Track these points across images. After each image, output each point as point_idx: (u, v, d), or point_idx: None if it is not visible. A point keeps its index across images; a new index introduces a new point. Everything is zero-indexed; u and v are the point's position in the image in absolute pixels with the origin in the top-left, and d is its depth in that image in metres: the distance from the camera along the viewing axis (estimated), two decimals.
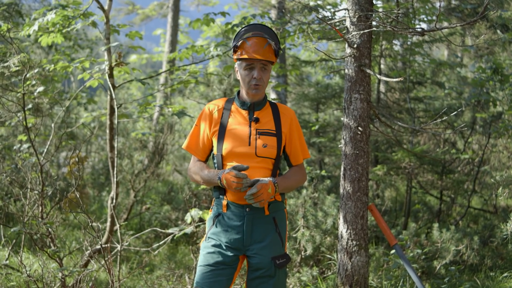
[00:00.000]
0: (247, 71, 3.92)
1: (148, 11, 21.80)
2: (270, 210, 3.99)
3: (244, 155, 3.90)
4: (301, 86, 13.75)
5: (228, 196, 3.94)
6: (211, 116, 4.02)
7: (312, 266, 6.88)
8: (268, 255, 3.94)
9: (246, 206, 3.91)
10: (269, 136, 3.98)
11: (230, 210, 3.94)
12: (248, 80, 3.93)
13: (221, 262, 3.90)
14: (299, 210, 7.20)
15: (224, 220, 3.95)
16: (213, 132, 3.99)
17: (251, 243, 3.94)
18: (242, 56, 3.90)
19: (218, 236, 3.94)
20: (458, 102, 10.50)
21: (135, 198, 8.98)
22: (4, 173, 7.42)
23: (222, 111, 4.02)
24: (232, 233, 3.92)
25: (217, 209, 4.01)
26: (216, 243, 3.94)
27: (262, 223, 3.96)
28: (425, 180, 9.52)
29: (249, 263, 3.98)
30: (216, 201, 4.03)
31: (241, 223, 3.91)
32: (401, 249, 5.30)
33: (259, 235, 3.95)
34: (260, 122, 3.99)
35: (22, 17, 12.65)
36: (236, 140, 3.91)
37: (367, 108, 5.28)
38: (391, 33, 8.17)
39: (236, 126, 3.96)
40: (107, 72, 6.62)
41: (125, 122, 13.13)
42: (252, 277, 3.96)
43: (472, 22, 4.45)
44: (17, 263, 6.20)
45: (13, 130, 11.68)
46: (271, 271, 3.94)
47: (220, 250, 3.91)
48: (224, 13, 7.81)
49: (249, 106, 4.00)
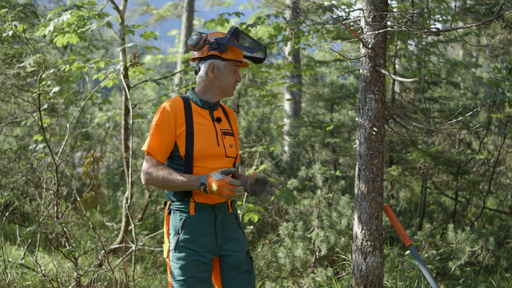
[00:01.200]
0: (231, 73, 3.90)
1: (162, 11, 21.84)
2: (232, 207, 3.98)
3: (216, 155, 3.84)
4: (316, 86, 13.76)
5: (196, 198, 3.79)
6: (175, 116, 3.80)
7: (326, 267, 6.87)
8: (242, 250, 3.94)
9: (215, 205, 3.84)
10: (230, 135, 3.99)
11: (199, 212, 3.80)
12: (232, 82, 3.91)
13: (202, 269, 3.76)
14: (313, 210, 7.19)
15: (192, 224, 3.78)
16: (179, 133, 3.79)
17: (224, 242, 3.87)
18: (236, 58, 3.89)
19: (190, 243, 3.76)
20: (473, 102, 10.46)
21: (149, 198, 9.00)
22: (20, 173, 7.47)
23: (184, 110, 3.85)
24: (204, 236, 3.78)
25: (181, 214, 3.81)
26: (190, 252, 3.75)
27: (229, 221, 3.93)
28: (440, 180, 9.48)
29: (224, 263, 3.90)
30: (177, 204, 3.84)
31: (212, 224, 3.81)
32: (416, 250, 5.28)
33: (230, 233, 3.91)
34: (221, 122, 3.98)
35: (38, 17, 12.71)
36: (206, 141, 3.81)
37: (381, 109, 5.26)
38: (406, 33, 8.14)
39: (203, 127, 3.85)
40: (122, 73, 6.65)
41: (139, 122, 13.17)
42: (231, 276, 3.90)
43: (487, 22, 4.43)
44: (33, 262, 6.24)
45: (28, 130, 11.75)
46: (248, 266, 3.95)
47: (197, 258, 3.75)
48: (238, 13, 7.82)
49: (211, 106, 3.93)
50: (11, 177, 7.99)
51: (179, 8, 21.49)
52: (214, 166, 3.81)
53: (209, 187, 3.59)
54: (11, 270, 5.83)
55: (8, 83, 7.35)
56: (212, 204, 3.82)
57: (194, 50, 3.94)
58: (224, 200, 3.87)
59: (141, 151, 11.15)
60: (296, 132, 11.98)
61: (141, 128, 13.53)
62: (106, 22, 6.85)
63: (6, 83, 7.29)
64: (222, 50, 3.85)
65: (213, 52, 3.85)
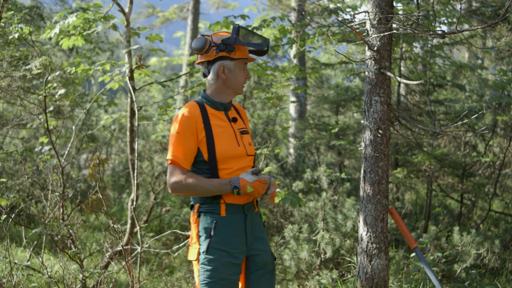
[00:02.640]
0: (241, 70, 3.93)
1: (168, 14, 21.86)
2: (258, 206, 4.03)
3: (238, 156, 3.86)
4: (321, 89, 13.76)
5: (227, 198, 3.79)
6: (195, 121, 3.79)
7: (331, 269, 6.87)
8: (269, 250, 3.98)
9: (244, 205, 3.86)
10: (246, 134, 4.02)
11: (230, 213, 3.80)
12: (243, 79, 3.94)
13: (234, 272, 3.77)
14: (318, 212, 7.19)
15: (224, 225, 3.78)
16: (201, 138, 3.78)
17: (252, 241, 3.89)
18: (245, 56, 3.91)
19: (223, 245, 3.75)
20: (479, 104, 10.44)
21: (155, 200, 9.01)
22: (26, 175, 7.48)
23: (201, 115, 3.83)
24: (236, 236, 3.80)
25: (212, 215, 3.80)
26: (223, 254, 3.74)
27: (256, 220, 3.96)
28: (446, 183, 9.47)
29: (252, 263, 3.91)
30: (207, 207, 3.83)
31: (242, 224, 3.83)
32: (422, 252, 5.28)
33: (257, 232, 3.94)
34: (237, 121, 4.01)
35: (44, 20, 12.75)
36: (227, 143, 3.82)
37: (387, 111, 5.26)
38: (411, 35, 8.14)
39: (222, 129, 3.86)
40: (128, 75, 6.66)
41: (145, 124, 13.19)
42: (257, 276, 3.92)
43: (493, 24, 4.43)
44: (38, 264, 6.25)
45: (34, 132, 11.79)
46: (272, 266, 4.00)
47: (229, 260, 3.75)
48: (244, 16, 7.82)
49: (225, 106, 3.96)
50: (17, 179, 8.01)
51: (184, 10, 21.50)
52: (238, 166, 3.85)
53: (243, 189, 3.65)
54: (17, 272, 5.84)
55: (14, 85, 7.36)
56: (241, 204, 3.84)
57: (200, 53, 3.92)
58: (251, 200, 3.91)
59: (146, 153, 11.16)
60: (301, 134, 11.97)
61: (146, 130, 13.56)
62: (111, 25, 6.86)
63: (12, 85, 7.30)
64: (230, 51, 3.86)
65: (222, 53, 3.86)
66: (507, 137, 9.67)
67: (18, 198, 6.55)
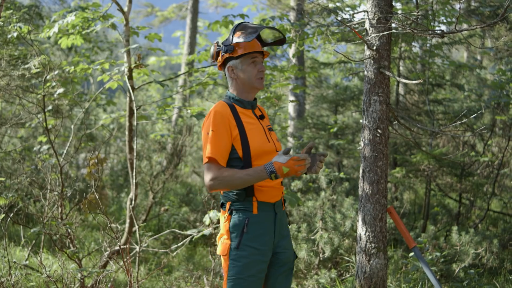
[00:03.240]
0: (252, 65, 3.94)
1: (167, 13, 21.86)
2: (285, 204, 4.10)
3: (270, 151, 3.92)
4: (320, 88, 13.75)
5: (259, 196, 3.85)
6: (228, 119, 3.84)
7: (330, 269, 6.87)
8: (291, 248, 4.05)
9: (275, 203, 3.92)
10: (273, 130, 4.11)
11: (262, 211, 3.86)
12: (254, 73, 3.94)
13: (262, 269, 3.84)
14: (317, 212, 7.19)
15: (256, 223, 3.84)
16: (234, 136, 3.84)
17: (279, 239, 3.96)
18: (247, 51, 3.93)
19: (255, 242, 3.82)
20: (477, 104, 10.44)
21: (153, 200, 9.01)
22: (24, 174, 7.48)
23: (232, 113, 3.90)
24: (266, 234, 3.85)
25: (244, 213, 3.85)
26: (254, 251, 3.80)
27: (283, 218, 4.02)
28: (444, 182, 9.47)
29: (277, 260, 3.97)
30: (239, 204, 3.88)
31: (272, 222, 3.89)
32: (420, 252, 5.28)
33: (283, 230, 4.00)
34: (264, 119, 4.09)
35: (42, 19, 12.74)
36: (260, 139, 3.89)
37: (386, 110, 5.26)
38: (410, 35, 8.14)
39: (253, 126, 3.93)
40: (127, 74, 6.66)
41: (144, 123, 13.18)
42: (278, 273, 3.98)
43: (492, 24, 4.43)
44: (37, 263, 6.25)
45: (33, 131, 11.77)
46: (292, 263, 4.06)
47: (259, 257, 3.82)
48: (243, 15, 7.82)
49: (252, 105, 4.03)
50: (16, 178, 8.00)
51: (183, 9, 21.51)
52: None
53: (279, 171, 3.63)
54: (16, 271, 5.84)
55: (13, 84, 7.36)
56: (272, 203, 3.91)
57: (214, 61, 4.07)
58: (280, 198, 3.98)
59: (145, 152, 11.16)
60: (300, 133, 11.96)
61: (145, 129, 13.54)
62: (110, 24, 6.86)
63: (11, 84, 7.30)
64: (231, 50, 3.95)
65: (226, 55, 3.97)
66: (505, 137, 9.67)
67: (16, 197, 6.55)
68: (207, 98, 14.35)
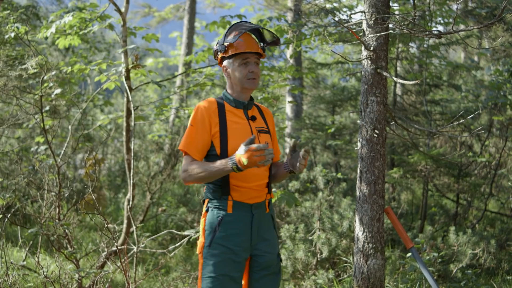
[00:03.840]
0: (242, 66, 3.93)
1: (164, 13, 21.87)
2: (269, 208, 4.04)
3: None
4: (317, 89, 13.76)
5: (234, 196, 3.85)
6: (209, 116, 3.89)
7: (328, 269, 6.87)
8: (274, 252, 3.99)
9: (253, 204, 3.89)
10: (266, 134, 4.05)
11: (237, 211, 3.85)
12: (245, 74, 3.92)
13: (234, 269, 3.81)
14: (315, 212, 7.19)
15: (229, 222, 3.83)
16: (214, 133, 3.86)
17: (258, 241, 3.92)
18: (237, 51, 3.91)
19: (226, 241, 3.81)
20: (475, 105, 10.45)
21: (151, 200, 9.01)
22: (22, 175, 7.47)
23: (217, 110, 3.93)
24: (240, 234, 3.83)
25: (218, 211, 3.86)
26: (225, 249, 3.80)
27: (265, 221, 3.98)
28: (442, 183, 9.48)
29: (255, 263, 3.94)
30: (215, 202, 3.89)
31: (248, 223, 3.86)
32: (418, 252, 5.28)
33: (264, 233, 3.96)
34: (256, 120, 4.04)
35: (40, 19, 12.74)
36: (241, 139, 3.82)
37: (383, 111, 5.27)
38: (407, 35, 8.15)
39: (237, 126, 3.92)
40: (124, 75, 6.66)
41: (141, 124, 13.19)
42: (259, 276, 3.94)
43: (489, 24, 4.43)
44: (34, 264, 6.25)
45: (30, 132, 11.77)
46: (277, 268, 4.01)
47: (231, 256, 3.80)
48: (240, 15, 7.82)
49: (244, 105, 4.00)
50: (13, 179, 7.99)
51: (180, 10, 21.52)
52: None
53: (240, 163, 3.58)
54: (13, 271, 5.84)
55: (10, 84, 7.35)
56: (249, 203, 3.88)
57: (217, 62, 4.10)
58: (261, 200, 3.94)
59: (142, 152, 11.15)
60: (297, 134, 11.97)
61: (142, 130, 13.55)
62: (108, 24, 6.86)
63: (8, 85, 7.29)
64: (223, 50, 3.96)
65: (220, 55, 3.99)
66: (503, 137, 9.68)
67: (14, 198, 6.54)
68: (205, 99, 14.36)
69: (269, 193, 4.05)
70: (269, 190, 4.04)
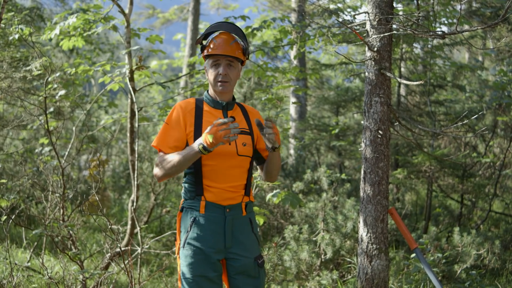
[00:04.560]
0: (213, 68, 3.88)
1: (168, 15, 21.86)
2: (247, 211, 3.95)
3: (226, 154, 3.80)
4: (321, 90, 13.77)
5: (207, 197, 3.79)
6: (185, 115, 3.86)
7: (332, 270, 6.87)
8: (251, 256, 3.89)
9: (226, 206, 3.82)
10: (245, 135, 3.95)
11: (209, 211, 3.79)
12: (214, 76, 3.87)
13: (209, 269, 3.75)
14: (319, 213, 7.19)
15: (201, 222, 3.78)
16: (188, 132, 3.82)
17: (232, 244, 3.84)
18: (208, 53, 3.87)
19: (198, 242, 3.76)
20: (479, 105, 10.44)
21: (155, 201, 9.01)
22: (26, 176, 7.48)
23: (194, 110, 3.88)
24: (212, 236, 3.77)
25: (192, 212, 3.82)
26: (197, 250, 3.75)
27: (240, 224, 3.89)
28: (446, 183, 9.47)
29: (231, 267, 3.87)
30: (189, 203, 3.85)
31: (221, 224, 3.80)
32: (422, 253, 5.28)
33: (239, 236, 3.88)
34: (235, 121, 3.91)
35: (44, 21, 12.76)
36: None
37: (387, 112, 5.27)
38: (411, 36, 8.14)
39: None
40: (128, 76, 6.66)
41: (145, 125, 13.19)
42: (237, 281, 3.87)
43: (493, 25, 4.43)
44: (39, 265, 6.25)
45: (34, 133, 11.79)
46: (255, 272, 3.90)
47: (203, 257, 3.75)
48: (244, 16, 7.81)
49: (223, 105, 3.93)
50: (17, 180, 8.01)
51: (185, 11, 21.51)
52: (225, 165, 3.81)
53: (206, 142, 3.53)
54: (17, 272, 5.84)
55: (15, 86, 7.37)
56: (223, 205, 3.82)
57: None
58: (236, 202, 3.87)
59: (146, 154, 11.17)
60: (301, 135, 11.98)
61: (147, 131, 13.55)
62: (112, 26, 6.86)
63: (13, 86, 7.31)
64: (202, 50, 3.96)
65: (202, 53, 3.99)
66: (507, 138, 9.67)
67: (18, 199, 6.55)
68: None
69: (247, 195, 3.96)
70: (246, 193, 3.95)
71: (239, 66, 3.97)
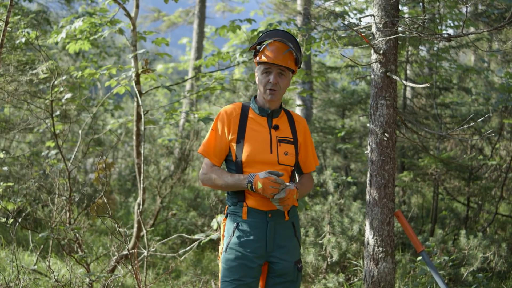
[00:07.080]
0: (264, 75, 3.91)
1: (174, 18, 21.88)
2: (289, 215, 3.98)
3: (266, 162, 3.84)
4: (327, 92, 13.74)
5: (249, 202, 3.85)
6: (229, 121, 3.91)
7: (338, 273, 6.86)
8: (291, 260, 3.93)
9: (268, 212, 3.85)
10: (288, 144, 3.96)
11: (252, 217, 3.85)
12: (264, 84, 3.90)
13: (249, 274, 3.81)
14: (325, 216, 7.19)
15: (244, 228, 3.85)
16: (232, 138, 3.88)
17: (274, 249, 3.88)
18: (261, 60, 3.89)
19: (240, 247, 3.83)
20: (485, 108, 10.42)
21: (161, 204, 9.02)
22: (33, 179, 7.49)
23: (239, 116, 3.94)
24: (254, 241, 3.82)
25: (235, 217, 3.90)
26: (239, 255, 3.82)
27: (283, 228, 3.93)
28: (452, 186, 9.45)
29: (271, 269, 3.92)
30: (232, 209, 3.93)
31: (263, 229, 3.84)
32: (428, 256, 5.27)
33: (281, 240, 3.91)
34: (280, 129, 3.96)
35: (50, 24, 12.80)
36: (257, 147, 3.84)
37: (393, 114, 5.26)
38: (417, 39, 8.13)
39: (255, 133, 3.89)
40: (134, 79, 6.67)
41: (151, 128, 13.20)
42: (274, 282, 3.92)
43: (499, 27, 4.42)
44: (45, 268, 6.26)
45: (41, 136, 11.81)
46: (293, 276, 3.95)
47: (245, 262, 3.81)
48: (250, 20, 7.82)
49: (268, 113, 3.95)
50: (24, 183, 8.03)
51: (190, 14, 21.54)
52: None
53: (255, 185, 3.67)
54: (24, 275, 5.85)
55: (21, 89, 7.39)
56: (265, 211, 3.86)
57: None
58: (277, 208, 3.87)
59: (152, 157, 11.17)
60: None
61: (152, 134, 13.56)
62: (118, 29, 6.87)
63: (19, 89, 7.33)
64: (255, 55, 4.00)
65: (254, 58, 4.02)
66: None
67: (25, 202, 6.57)
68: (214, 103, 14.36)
69: None
70: None
71: (290, 75, 4.00)
